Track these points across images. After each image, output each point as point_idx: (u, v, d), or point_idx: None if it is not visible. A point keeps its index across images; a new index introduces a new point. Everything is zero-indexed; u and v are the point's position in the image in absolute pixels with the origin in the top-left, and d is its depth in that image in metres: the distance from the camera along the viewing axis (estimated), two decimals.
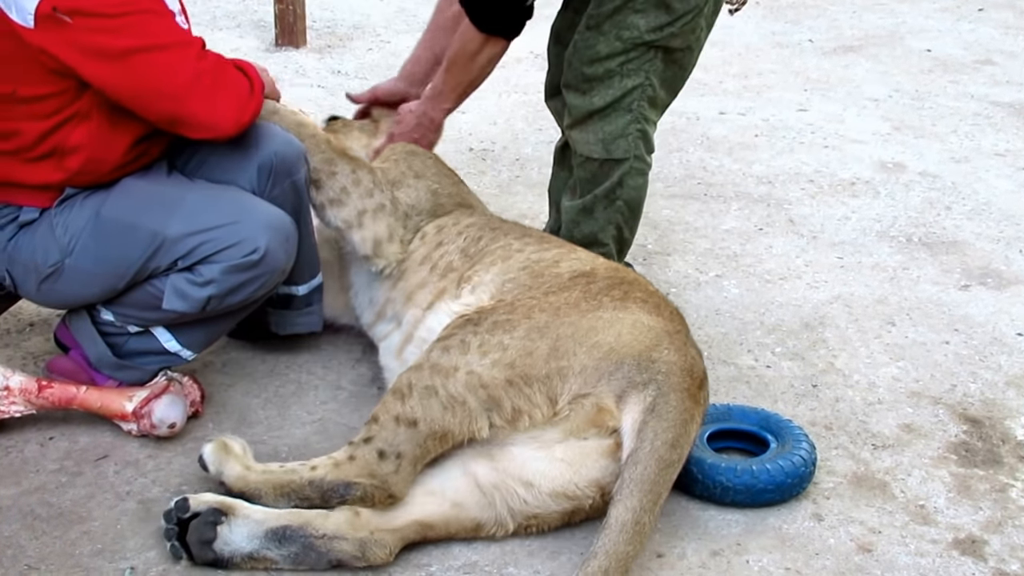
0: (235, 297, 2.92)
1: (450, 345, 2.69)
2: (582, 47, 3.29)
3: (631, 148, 3.33)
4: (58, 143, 2.84)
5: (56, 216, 2.91)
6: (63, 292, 2.97)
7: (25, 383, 2.93)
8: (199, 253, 2.85)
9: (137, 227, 2.87)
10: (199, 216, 2.87)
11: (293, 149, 3.08)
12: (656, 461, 2.53)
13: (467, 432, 2.61)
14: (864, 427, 3.15)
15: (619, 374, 2.62)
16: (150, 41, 2.75)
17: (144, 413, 2.93)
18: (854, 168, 4.93)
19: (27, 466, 2.87)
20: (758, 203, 4.56)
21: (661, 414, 2.57)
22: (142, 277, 2.91)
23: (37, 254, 2.92)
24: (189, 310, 2.91)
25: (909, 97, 5.81)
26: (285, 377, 3.30)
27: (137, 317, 2.99)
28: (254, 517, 2.55)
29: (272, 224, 2.91)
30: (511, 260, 3.00)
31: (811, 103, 5.71)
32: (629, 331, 2.68)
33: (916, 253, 4.19)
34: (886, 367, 3.45)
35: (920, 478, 2.95)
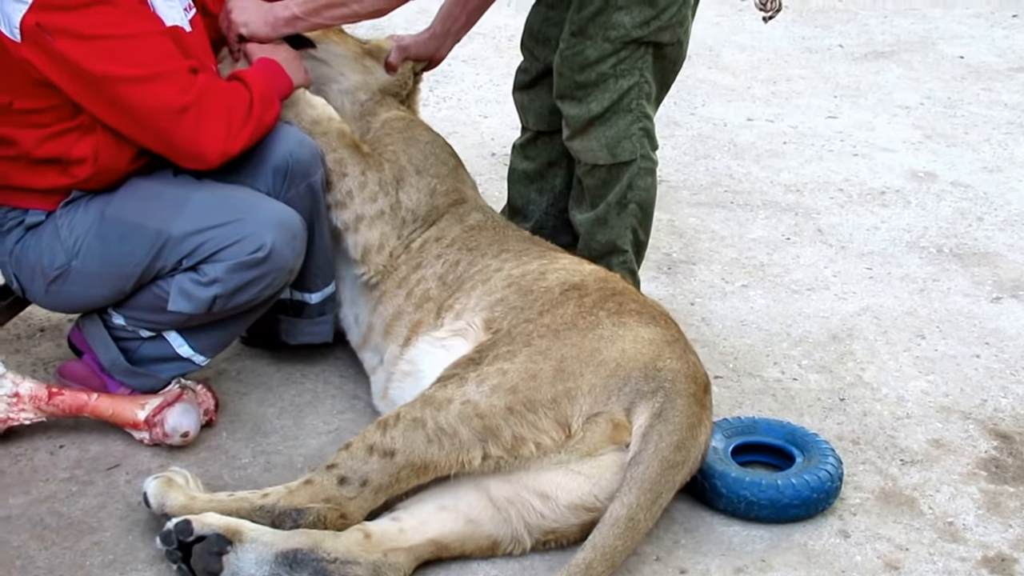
0: (242, 296, 2.87)
1: (448, 382, 2.64)
2: (570, 55, 3.22)
3: (636, 148, 3.28)
4: (62, 152, 2.82)
5: (61, 218, 2.89)
6: (71, 294, 2.94)
7: (35, 390, 2.90)
8: (203, 251, 2.82)
9: (142, 227, 2.84)
10: (203, 214, 2.83)
11: (308, 150, 3.04)
12: (659, 462, 2.49)
13: (455, 464, 2.55)
14: (892, 442, 3.08)
15: (627, 388, 2.58)
16: (132, 72, 2.72)
17: (157, 421, 2.90)
18: (884, 177, 4.84)
19: (37, 475, 2.84)
20: (786, 212, 4.49)
21: (667, 418, 2.54)
22: (148, 278, 2.88)
23: (43, 257, 2.90)
24: (195, 310, 2.86)
25: (941, 105, 5.71)
26: (301, 386, 3.26)
27: (147, 320, 2.96)
28: (262, 540, 2.48)
29: (279, 221, 2.87)
30: (491, 281, 2.94)
31: (841, 110, 5.62)
32: (632, 345, 2.64)
33: (947, 264, 4.10)
34: (915, 381, 3.37)
35: (949, 494, 2.88)
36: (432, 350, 2.88)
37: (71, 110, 2.79)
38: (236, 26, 3.15)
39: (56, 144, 2.82)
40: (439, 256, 3.13)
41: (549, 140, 3.51)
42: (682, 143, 5.14)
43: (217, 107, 2.80)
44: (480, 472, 2.56)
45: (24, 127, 2.81)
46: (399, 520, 2.57)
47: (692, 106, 5.59)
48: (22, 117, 2.80)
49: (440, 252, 3.14)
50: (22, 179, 2.87)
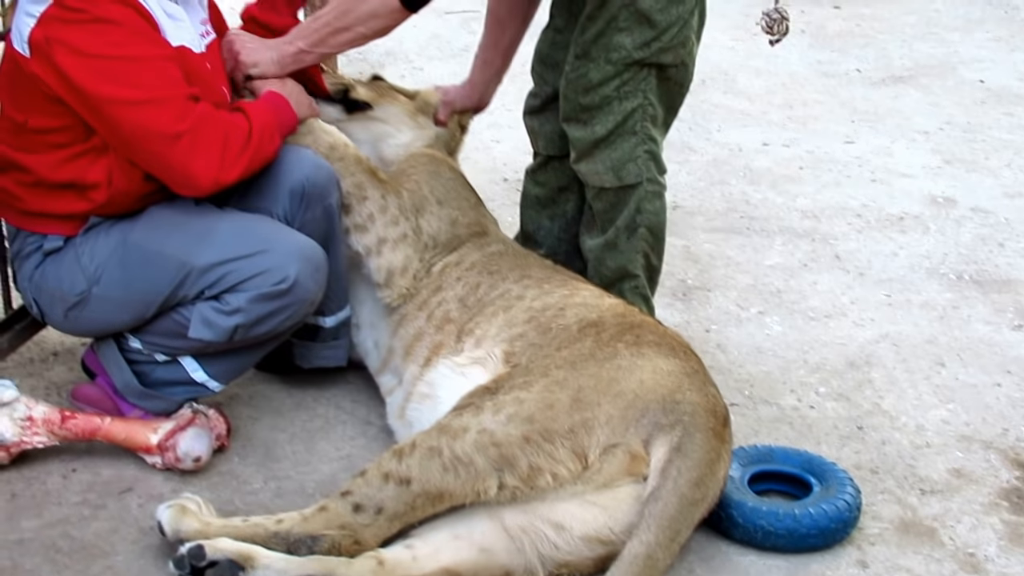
0: (263, 327, 2.88)
1: (464, 411, 2.62)
2: (574, 78, 3.23)
3: (643, 171, 3.26)
4: (76, 177, 2.83)
5: (82, 245, 2.89)
6: (90, 320, 2.94)
7: (48, 414, 2.89)
8: (227, 282, 2.82)
9: (165, 256, 2.84)
10: (228, 245, 2.83)
11: (324, 173, 3.04)
12: (678, 498, 2.46)
13: (470, 493, 2.52)
14: (912, 471, 3.04)
15: (645, 420, 2.55)
16: (128, 94, 2.71)
17: (169, 446, 2.89)
18: (903, 203, 4.81)
19: (50, 498, 2.83)
20: (802, 238, 4.46)
21: (686, 453, 2.51)
22: (169, 305, 2.88)
23: (63, 283, 2.91)
24: (216, 339, 2.86)
25: (961, 129, 5.67)
26: (312, 411, 3.25)
27: (164, 345, 2.95)
28: (275, 566, 2.46)
29: (303, 253, 2.87)
30: (512, 310, 2.93)
31: (858, 135, 5.59)
32: (651, 376, 2.62)
33: (967, 291, 4.06)
34: (935, 409, 3.33)
35: (970, 525, 2.84)
36: (451, 375, 2.87)
37: (84, 130, 2.80)
38: (245, 67, 3.15)
39: (71, 168, 2.83)
40: (459, 279, 3.12)
41: (559, 165, 3.50)
42: (697, 168, 5.12)
43: (213, 136, 2.78)
44: (496, 502, 2.54)
45: (40, 150, 2.82)
46: (412, 548, 2.55)
47: (707, 131, 5.57)
48: (37, 138, 2.81)
49: (460, 275, 3.13)
50: (40, 205, 2.88)
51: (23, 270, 2.98)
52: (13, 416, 2.87)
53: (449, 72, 5.45)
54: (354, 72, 6.10)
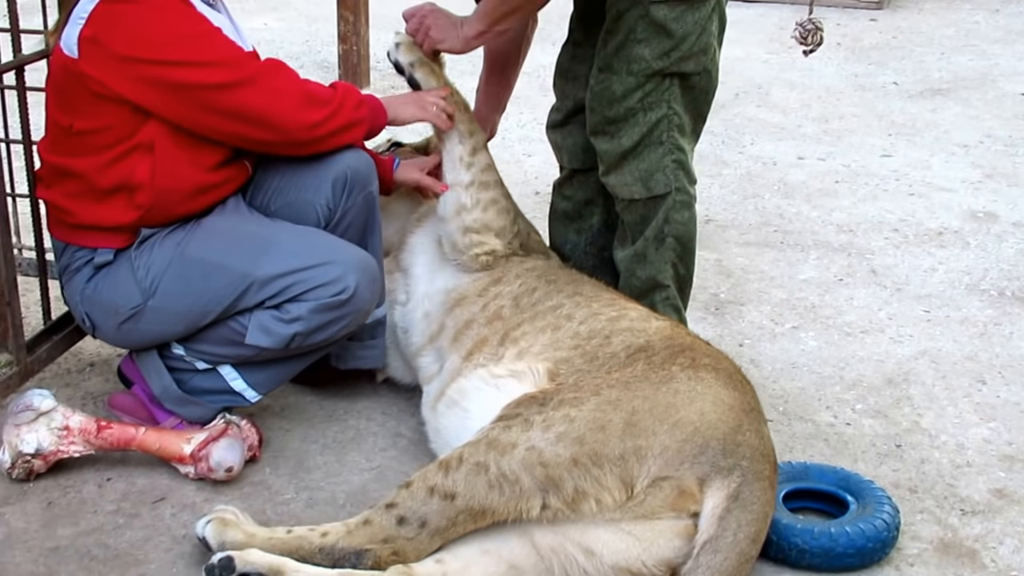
0: (320, 336, 2.92)
1: (512, 423, 2.57)
2: (598, 91, 3.23)
3: (671, 181, 3.24)
4: (124, 178, 2.85)
5: (136, 259, 2.91)
6: (144, 332, 2.96)
7: (85, 423, 2.91)
8: (289, 293, 2.87)
9: (226, 268, 2.87)
10: (289, 257, 2.88)
11: (364, 161, 3.08)
12: (737, 555, 2.42)
13: (513, 512, 2.48)
14: (952, 491, 2.99)
15: (703, 458, 2.48)
16: (190, 56, 2.78)
17: (202, 456, 2.89)
18: (942, 217, 4.75)
19: (85, 507, 2.84)
20: (838, 252, 4.42)
21: (745, 504, 2.45)
22: (227, 315, 2.91)
23: (118, 296, 2.93)
24: (273, 346, 2.90)
25: (1002, 143, 5.61)
26: (344, 423, 3.24)
27: (212, 353, 2.98)
28: None
29: (362, 265, 2.93)
30: (560, 331, 2.89)
31: (896, 148, 5.54)
32: (712, 409, 2.55)
33: (1009, 308, 4.00)
34: (976, 428, 3.28)
35: (1013, 547, 2.78)
36: (484, 388, 2.84)
37: (128, 128, 2.82)
38: (434, 42, 3.28)
39: (118, 170, 2.85)
40: (518, 277, 3.13)
41: (584, 178, 3.50)
42: (730, 182, 5.09)
43: (287, 76, 2.90)
44: (536, 521, 2.50)
45: (86, 153, 2.85)
46: (443, 563, 2.52)
47: (741, 144, 5.54)
48: (83, 140, 2.84)
49: (520, 274, 3.14)
50: (90, 216, 2.90)
51: (73, 284, 2.99)
52: (50, 425, 2.88)
53: None
54: (387, 86, 6.13)
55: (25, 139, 3.21)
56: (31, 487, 2.90)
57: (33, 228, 3.24)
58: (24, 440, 2.87)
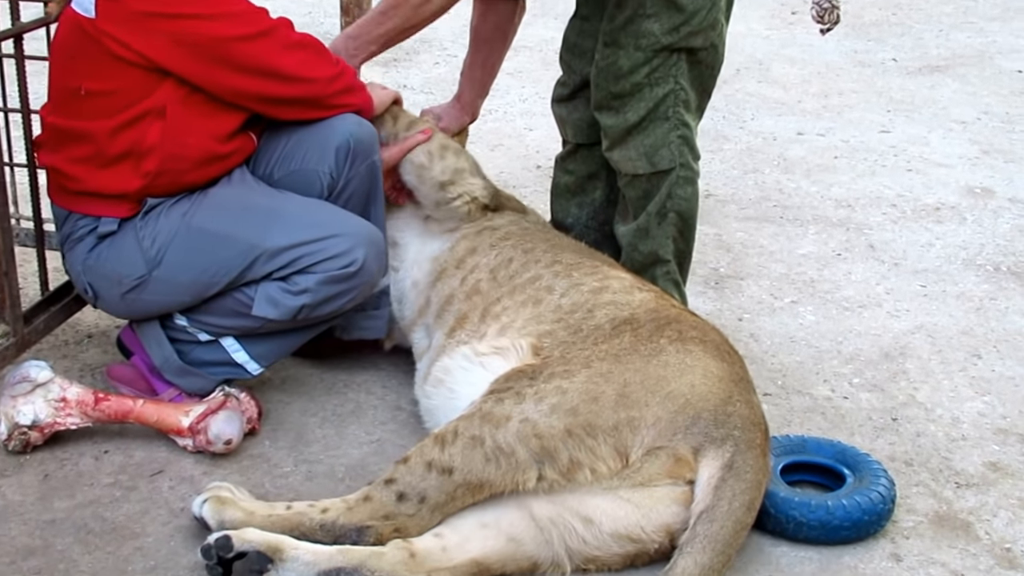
0: (327, 308, 2.94)
1: (504, 396, 2.59)
2: (604, 66, 3.21)
3: (676, 156, 3.24)
4: (133, 143, 2.84)
5: (142, 228, 2.91)
6: (148, 302, 2.96)
7: (82, 395, 2.91)
8: (298, 264, 2.88)
9: (234, 239, 2.88)
10: (298, 229, 2.89)
11: (367, 130, 3.09)
12: (733, 523, 2.43)
13: (509, 484, 2.50)
14: (947, 464, 3.00)
15: (695, 429, 2.51)
16: (205, 10, 2.79)
17: (200, 428, 2.89)
18: (939, 193, 4.75)
19: (82, 479, 2.84)
20: (837, 227, 4.42)
21: (739, 473, 2.47)
22: (233, 286, 2.91)
23: (122, 266, 2.92)
24: (280, 318, 2.91)
25: (999, 120, 5.60)
26: (344, 396, 3.25)
27: (215, 325, 2.98)
28: (303, 559, 2.44)
29: (369, 237, 2.95)
30: (542, 305, 2.88)
31: (894, 124, 5.53)
32: (702, 381, 2.57)
33: (1004, 283, 4.00)
34: (971, 401, 3.29)
35: (1007, 519, 2.79)
36: (468, 366, 2.84)
37: (141, 91, 2.82)
38: None
39: (128, 134, 2.84)
40: (493, 247, 3.12)
41: (588, 153, 3.49)
42: (731, 157, 5.08)
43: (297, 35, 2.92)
44: (532, 493, 2.51)
45: (96, 116, 2.84)
46: (442, 537, 2.53)
47: (741, 120, 5.52)
48: (94, 102, 2.83)
49: (495, 243, 3.13)
50: (95, 182, 2.89)
51: (75, 254, 2.98)
52: (47, 397, 2.88)
53: None
54: (388, 58, 6.10)
55: (24, 108, 3.20)
56: (27, 459, 2.90)
57: (31, 198, 3.23)
58: (21, 412, 2.87)
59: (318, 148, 3.03)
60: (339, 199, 3.06)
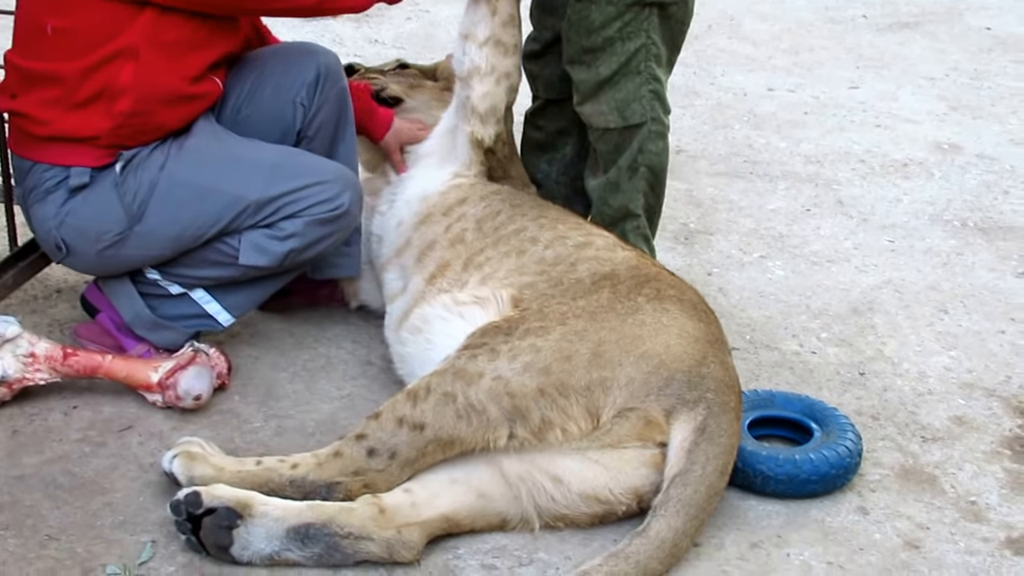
0: (312, 251, 2.96)
1: (478, 353, 2.58)
2: (576, 20, 3.20)
3: (647, 111, 3.23)
4: (105, 84, 2.78)
5: (122, 184, 2.86)
6: (127, 257, 2.93)
7: (50, 350, 2.88)
8: (284, 212, 2.89)
9: (218, 191, 2.86)
10: (283, 177, 2.89)
11: (333, 58, 3.14)
12: (707, 487, 2.46)
13: (480, 441, 2.51)
14: (913, 418, 3.04)
15: (669, 390, 2.52)
16: None
17: (170, 384, 2.88)
18: (907, 149, 4.77)
19: (51, 435, 2.82)
20: (806, 183, 4.43)
21: (713, 437, 2.49)
22: (216, 237, 2.90)
23: (100, 221, 2.88)
24: (268, 264, 2.92)
25: (967, 76, 5.62)
26: (313, 351, 3.24)
27: (194, 276, 2.97)
28: (272, 515, 2.44)
29: (351, 181, 2.98)
30: (525, 256, 2.88)
31: (863, 81, 5.54)
32: (677, 342, 2.57)
33: (971, 238, 4.04)
34: (937, 356, 3.32)
35: (972, 473, 2.84)
36: (448, 316, 2.84)
37: (109, 30, 2.75)
38: None
39: (98, 76, 2.78)
40: (483, 199, 3.11)
41: (558, 109, 3.47)
42: (701, 112, 5.07)
43: None
44: (503, 451, 2.52)
45: (67, 56, 2.77)
46: (411, 492, 2.54)
47: (712, 75, 5.51)
48: (64, 41, 2.76)
49: (485, 196, 3.12)
50: (65, 125, 2.82)
51: (44, 208, 2.91)
52: (16, 352, 2.85)
53: (455, 13, 5.37)
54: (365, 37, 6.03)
55: None
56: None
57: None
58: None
59: (288, 80, 3.04)
60: (311, 127, 3.07)
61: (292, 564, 2.44)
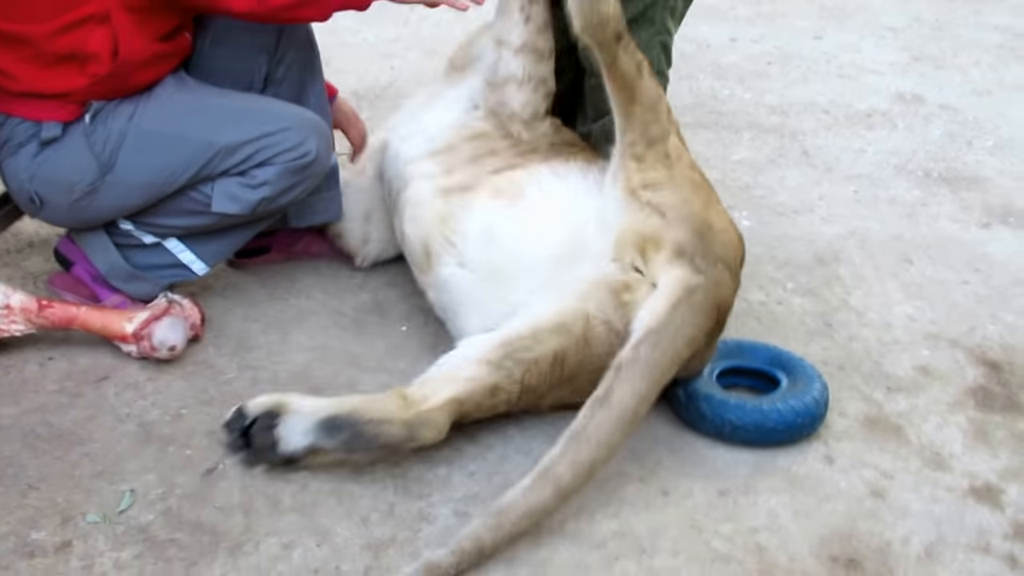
0: (284, 199, 2.96)
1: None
2: None
3: (654, 62, 3.23)
4: (76, 46, 2.74)
5: (93, 134, 2.83)
6: (99, 208, 2.91)
7: (25, 302, 2.86)
8: (256, 159, 2.88)
9: (189, 138, 2.85)
10: (251, 124, 2.88)
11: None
12: (673, 353, 2.50)
13: None
14: (878, 368, 3.10)
15: (697, 242, 2.61)
16: None
17: (144, 335, 2.87)
18: (871, 99, 4.82)
19: (27, 386, 2.82)
20: (770, 133, 4.46)
21: (695, 306, 2.55)
22: (189, 185, 2.88)
23: (73, 172, 2.85)
24: (240, 212, 2.92)
25: (929, 27, 5.67)
26: (285, 302, 3.24)
27: (167, 226, 2.96)
28: (303, 411, 2.55)
29: (319, 128, 2.96)
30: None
31: (826, 31, 5.57)
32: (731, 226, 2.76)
33: (935, 189, 4.10)
34: (902, 306, 3.39)
35: (936, 423, 2.91)
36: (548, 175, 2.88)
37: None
38: None
39: (70, 37, 2.74)
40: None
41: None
42: None
43: None
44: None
45: (33, 19, 2.72)
46: (425, 385, 2.63)
47: None
48: (30, 3, 2.71)
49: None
50: (38, 82, 2.79)
51: (16, 161, 2.87)
52: None
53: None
54: None
55: None
56: None
57: None
58: None
59: (251, 25, 2.97)
60: (278, 70, 3.07)
61: (326, 455, 2.58)
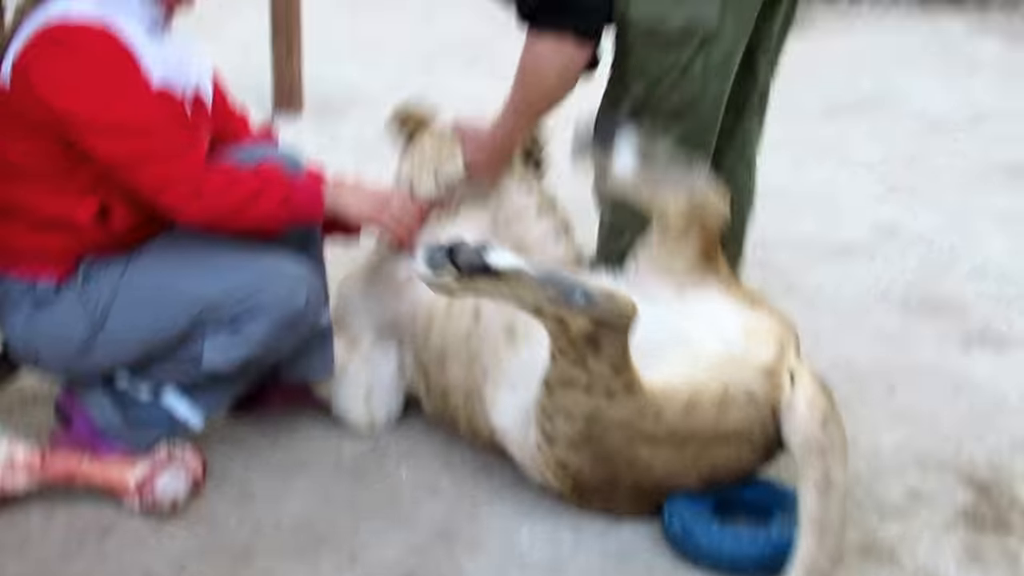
0: (274, 353, 2.98)
1: None
2: None
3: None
4: (64, 214, 2.84)
5: (84, 294, 2.91)
6: (94, 363, 2.96)
7: (29, 457, 2.91)
8: (243, 312, 2.88)
9: (178, 291, 2.88)
10: (238, 276, 2.88)
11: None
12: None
13: None
14: (869, 494, 3.13)
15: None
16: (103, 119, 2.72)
17: (146, 488, 2.91)
18: (848, 231, 4.95)
19: (31, 540, 2.84)
20: (754, 267, 4.55)
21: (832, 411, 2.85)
22: (179, 339, 2.92)
23: (65, 328, 2.91)
24: (229, 368, 2.94)
25: (902, 160, 5.86)
26: (287, 449, 3.28)
27: (162, 378, 3.00)
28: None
29: (308, 279, 2.97)
30: None
31: (804, 166, 5.75)
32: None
33: (915, 316, 4.20)
34: (889, 433, 3.43)
35: (929, 546, 2.93)
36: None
37: (64, 162, 2.79)
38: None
39: (57, 204, 2.84)
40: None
41: None
42: None
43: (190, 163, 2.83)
44: None
45: (23, 182, 2.82)
46: None
47: None
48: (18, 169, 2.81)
49: None
50: (31, 241, 2.89)
51: (13, 319, 2.96)
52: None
53: None
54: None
55: None
56: None
57: None
58: None
59: None
60: None
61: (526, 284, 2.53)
